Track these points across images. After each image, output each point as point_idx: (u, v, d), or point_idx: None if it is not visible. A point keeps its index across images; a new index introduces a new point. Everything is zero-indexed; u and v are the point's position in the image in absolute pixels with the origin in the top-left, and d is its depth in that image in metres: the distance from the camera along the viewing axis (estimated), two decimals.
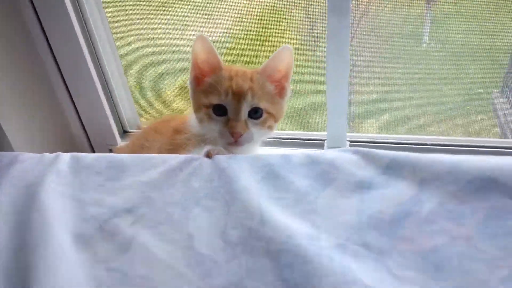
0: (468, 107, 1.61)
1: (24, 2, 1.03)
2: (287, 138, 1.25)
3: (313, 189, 0.71)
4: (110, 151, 1.30)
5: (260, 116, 0.83)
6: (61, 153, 0.86)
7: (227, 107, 0.82)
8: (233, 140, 0.82)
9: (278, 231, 0.64)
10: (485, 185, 0.65)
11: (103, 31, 1.16)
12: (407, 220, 0.65)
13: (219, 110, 0.83)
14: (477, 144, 1.15)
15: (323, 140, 1.18)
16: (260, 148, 0.94)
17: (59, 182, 0.78)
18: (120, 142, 1.30)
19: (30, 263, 0.62)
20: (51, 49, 1.11)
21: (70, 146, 1.30)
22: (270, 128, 0.86)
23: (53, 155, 0.86)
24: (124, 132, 1.36)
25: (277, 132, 1.19)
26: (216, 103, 0.82)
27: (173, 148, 0.89)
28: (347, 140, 1.15)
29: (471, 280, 0.57)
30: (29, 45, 1.10)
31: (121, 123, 1.34)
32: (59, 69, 1.15)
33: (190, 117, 0.92)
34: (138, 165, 0.80)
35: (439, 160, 0.69)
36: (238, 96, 0.81)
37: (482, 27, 1.18)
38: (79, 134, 1.30)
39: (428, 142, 1.17)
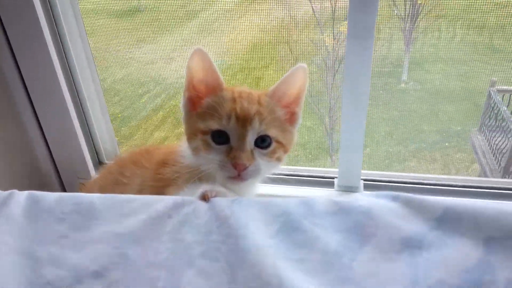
0: (447, 144, 1.64)
1: None
2: (289, 175, 1.07)
3: (346, 248, 0.55)
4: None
5: (269, 145, 0.69)
6: (16, 191, 0.68)
7: (230, 134, 0.67)
8: (237, 173, 0.66)
9: None
10: None
11: (84, 58, 1.10)
12: None
13: (220, 138, 0.68)
14: (479, 185, 1.03)
15: (333, 178, 1.04)
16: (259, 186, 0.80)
17: (9, 231, 0.61)
18: (94, 175, 1.13)
19: None
20: (19, 71, 0.99)
21: (38, 180, 1.13)
22: (279, 159, 0.71)
23: (5, 193, 0.68)
24: (99, 163, 1.21)
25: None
26: (216, 128, 0.67)
27: (159, 185, 0.73)
28: (361, 179, 1.01)
29: None
30: None
31: (97, 153, 1.20)
32: (27, 92, 1.03)
33: (180, 146, 0.77)
34: (112, 210, 0.63)
35: (508, 212, 0.54)
36: (243, 121, 0.66)
37: (459, 69, 1.22)
38: (47, 166, 1.13)
39: (460, 183, 1.01)
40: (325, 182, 1.06)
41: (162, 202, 0.63)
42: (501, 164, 2.01)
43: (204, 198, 0.63)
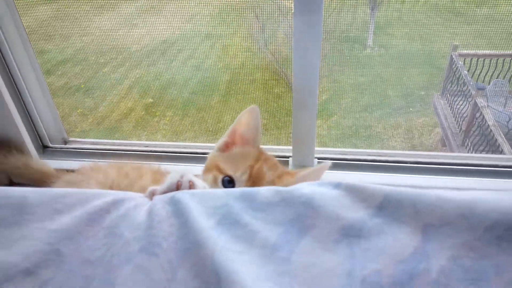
0: (411, 109, 1.69)
1: None
2: None
3: (285, 240, 0.54)
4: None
5: None
6: None
7: (237, 184, 0.72)
8: None
9: None
10: (511, 233, 0.50)
11: (13, 27, 0.97)
12: (413, 284, 0.49)
13: (229, 183, 0.72)
14: (447, 161, 1.02)
15: (288, 157, 1.04)
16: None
17: None
18: (38, 160, 1.05)
19: None
20: None
21: None
22: None
23: None
24: (44, 148, 1.12)
25: None
26: (229, 174, 0.71)
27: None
28: (315, 157, 1.01)
29: None
30: None
31: (39, 137, 1.11)
32: None
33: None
34: (46, 205, 0.60)
35: (447, 199, 0.54)
36: (254, 181, 0.71)
37: (422, 33, 1.24)
38: None
39: (409, 160, 1.02)
40: (282, 162, 1.05)
41: (101, 197, 0.61)
42: (462, 128, 2.10)
43: (177, 186, 0.63)
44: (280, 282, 0.50)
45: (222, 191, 0.61)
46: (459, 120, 2.10)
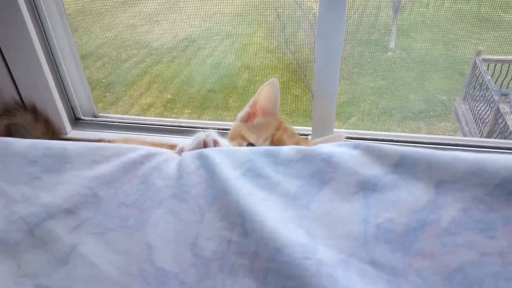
0: (431, 113, 1.66)
1: None
2: None
3: (305, 192, 0.58)
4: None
5: None
6: None
7: None
8: None
9: (264, 242, 0.51)
10: None
11: (59, 18, 1.09)
12: (424, 232, 0.53)
13: None
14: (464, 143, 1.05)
15: (307, 135, 1.08)
16: None
17: None
18: (71, 131, 1.17)
19: None
20: None
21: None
22: None
23: None
24: (76, 120, 1.21)
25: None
26: (252, 141, 0.78)
27: None
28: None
29: None
30: None
31: (72, 110, 1.20)
32: (3, 56, 1.04)
33: None
34: (84, 156, 0.65)
35: (460, 158, 0.57)
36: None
37: (445, 37, 1.21)
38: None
39: (424, 140, 1.04)
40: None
41: (135, 151, 0.66)
42: (483, 133, 2.05)
43: (204, 143, 0.69)
44: (301, 224, 0.54)
45: (247, 148, 0.65)
46: (480, 125, 2.05)
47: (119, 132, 1.16)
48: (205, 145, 0.69)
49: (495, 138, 2.06)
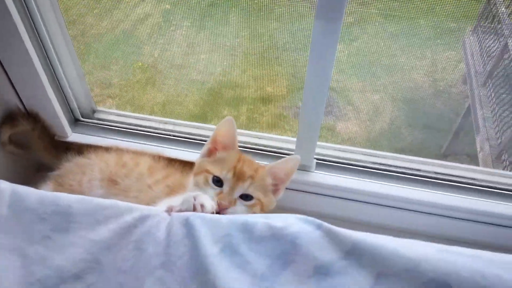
0: (439, 41, 1.62)
1: None
2: (253, 148, 1.17)
3: (271, 272, 0.68)
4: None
5: (250, 200, 0.89)
6: (1, 183, 0.74)
7: (224, 182, 0.88)
8: (218, 209, 0.84)
9: None
10: None
11: (53, 13, 1.02)
12: None
13: (217, 182, 0.89)
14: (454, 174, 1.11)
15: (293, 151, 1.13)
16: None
17: None
18: (71, 134, 1.17)
19: None
20: None
21: None
22: (255, 212, 0.90)
23: None
24: (76, 121, 1.20)
25: (246, 132, 1.19)
26: (217, 175, 0.88)
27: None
28: (315, 158, 1.11)
29: None
30: None
31: (72, 112, 1.18)
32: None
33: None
34: (87, 216, 0.72)
35: (399, 254, 0.66)
36: (238, 179, 0.88)
37: None
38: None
39: (404, 165, 1.12)
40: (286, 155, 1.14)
41: (131, 212, 0.73)
42: (487, 68, 2.02)
43: (194, 208, 0.76)
44: None
45: (227, 219, 0.74)
46: (485, 59, 2.02)
47: (118, 139, 1.17)
48: (194, 208, 0.76)
49: (497, 73, 2.03)
